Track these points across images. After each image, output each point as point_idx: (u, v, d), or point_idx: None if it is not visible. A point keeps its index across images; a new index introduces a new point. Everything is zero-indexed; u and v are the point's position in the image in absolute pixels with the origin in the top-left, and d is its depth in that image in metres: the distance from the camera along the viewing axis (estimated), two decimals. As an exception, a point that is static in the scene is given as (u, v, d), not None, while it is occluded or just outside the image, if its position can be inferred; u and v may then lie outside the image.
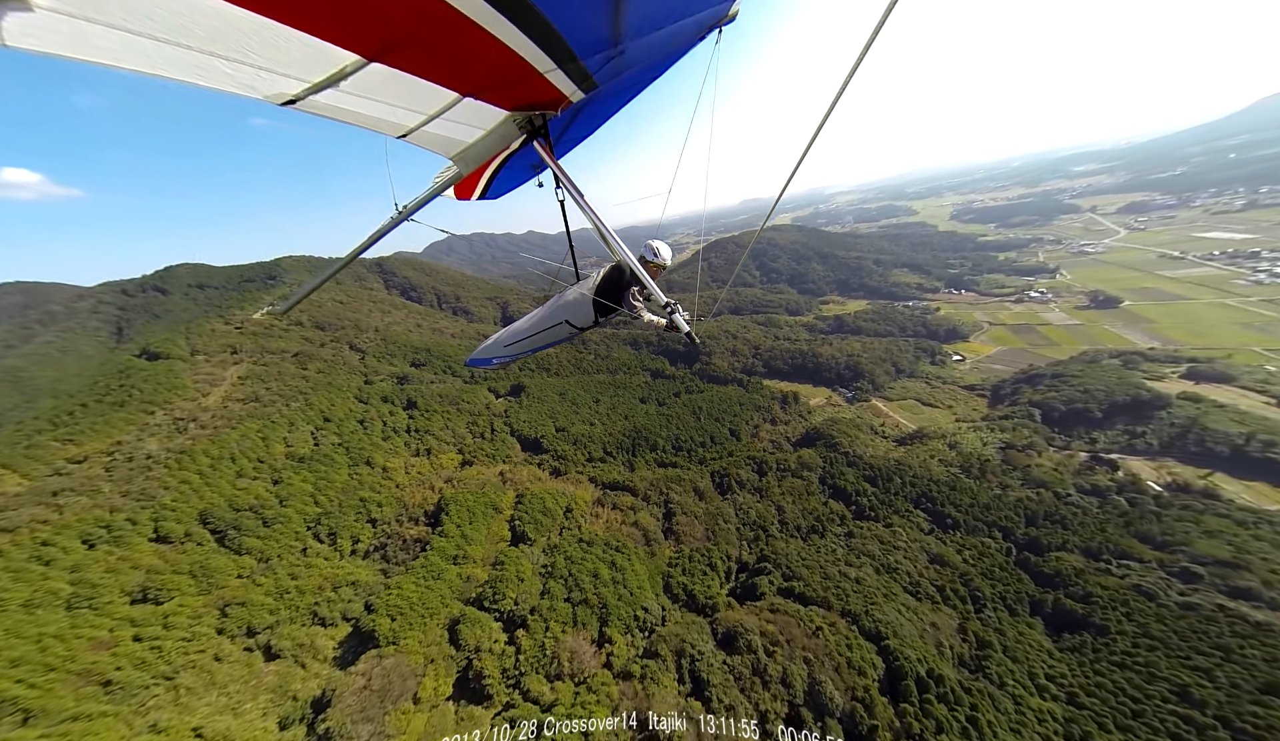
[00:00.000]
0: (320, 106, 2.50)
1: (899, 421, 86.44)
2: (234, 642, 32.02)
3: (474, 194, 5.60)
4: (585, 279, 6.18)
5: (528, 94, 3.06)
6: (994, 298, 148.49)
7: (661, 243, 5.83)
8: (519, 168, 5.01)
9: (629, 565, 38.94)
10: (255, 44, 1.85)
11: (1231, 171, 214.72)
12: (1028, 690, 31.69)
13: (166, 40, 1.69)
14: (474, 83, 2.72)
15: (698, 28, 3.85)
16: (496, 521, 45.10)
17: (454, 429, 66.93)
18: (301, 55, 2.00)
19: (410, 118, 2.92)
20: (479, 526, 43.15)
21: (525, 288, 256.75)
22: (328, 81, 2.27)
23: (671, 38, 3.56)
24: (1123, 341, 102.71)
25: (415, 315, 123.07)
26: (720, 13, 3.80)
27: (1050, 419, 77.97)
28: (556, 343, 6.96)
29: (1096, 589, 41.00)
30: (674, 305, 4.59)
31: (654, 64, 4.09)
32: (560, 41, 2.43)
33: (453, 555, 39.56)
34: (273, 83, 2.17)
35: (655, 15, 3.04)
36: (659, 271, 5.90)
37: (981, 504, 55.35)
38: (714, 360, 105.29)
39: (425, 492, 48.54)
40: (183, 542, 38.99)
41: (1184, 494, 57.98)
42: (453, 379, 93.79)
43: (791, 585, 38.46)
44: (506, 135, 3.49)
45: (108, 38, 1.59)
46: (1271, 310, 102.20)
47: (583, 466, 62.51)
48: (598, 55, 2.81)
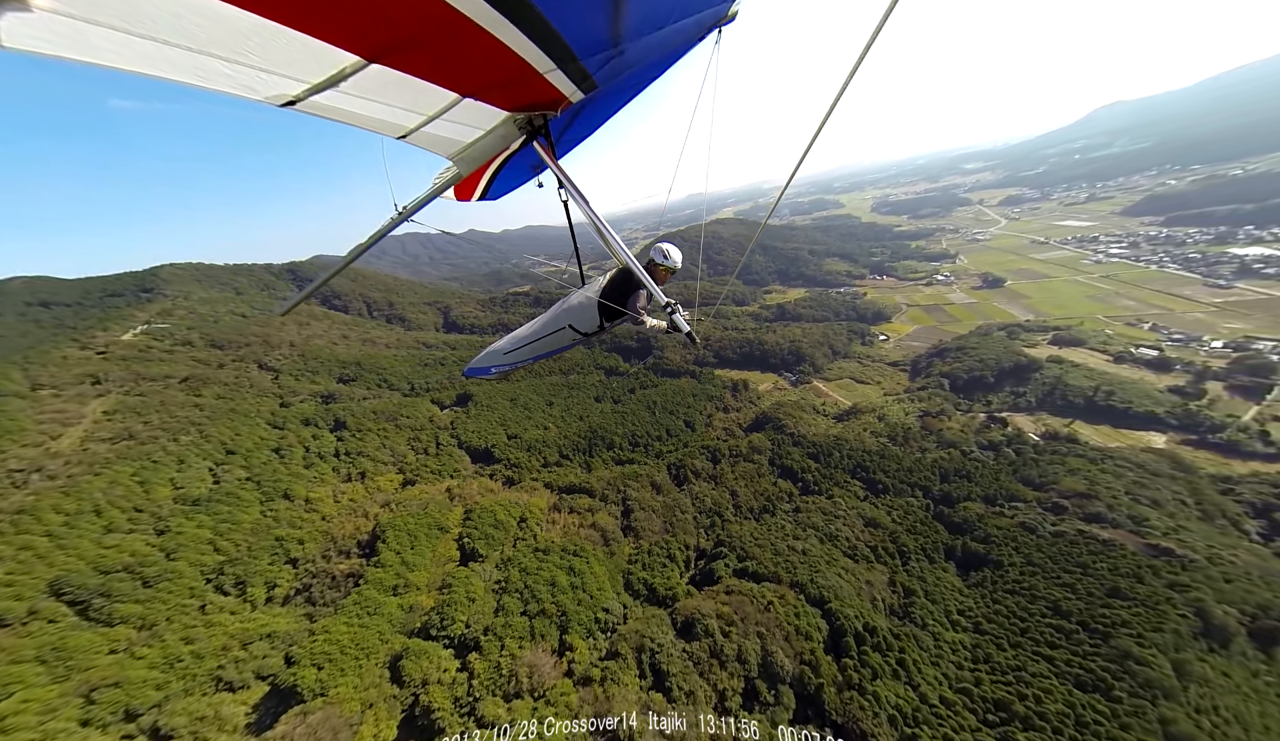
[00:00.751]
0: (320, 107, 2.47)
1: (837, 399, 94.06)
2: (105, 733, 26.38)
3: (474, 195, 5.49)
4: (590, 282, 5.93)
5: (527, 94, 3.03)
6: (909, 282, 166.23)
7: (671, 246, 5.63)
8: (519, 168, 4.95)
9: (588, 568, 38.45)
10: (255, 45, 1.81)
11: (1077, 170, 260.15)
12: (944, 626, 36.38)
13: (166, 41, 1.66)
14: (474, 83, 2.70)
15: (697, 28, 3.83)
16: (443, 542, 41.97)
17: (393, 447, 61.21)
18: (301, 56, 1.96)
19: (410, 118, 2.89)
20: (422, 550, 39.85)
21: (469, 289, 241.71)
22: (328, 82, 2.22)
23: (671, 38, 3.53)
24: (1007, 315, 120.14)
25: (340, 326, 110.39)
26: (720, 13, 3.80)
27: (956, 386, 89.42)
28: (560, 349, 6.67)
29: (993, 530, 47.99)
30: (674, 306, 4.49)
31: (654, 64, 4.05)
32: (560, 42, 2.42)
33: (392, 585, 36.09)
34: (272, 84, 2.14)
35: (655, 15, 3.03)
36: (669, 274, 5.70)
37: (905, 468, 62.16)
38: (666, 354, 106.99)
39: (358, 521, 43.66)
40: (25, 622, 31.14)
41: (1054, 441, 69.49)
42: (389, 393, 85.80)
43: (746, 565, 40.51)
44: (506, 136, 3.46)
45: (107, 39, 1.55)
46: (1108, 284, 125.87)
47: (538, 473, 60.50)
48: (597, 55, 2.80)
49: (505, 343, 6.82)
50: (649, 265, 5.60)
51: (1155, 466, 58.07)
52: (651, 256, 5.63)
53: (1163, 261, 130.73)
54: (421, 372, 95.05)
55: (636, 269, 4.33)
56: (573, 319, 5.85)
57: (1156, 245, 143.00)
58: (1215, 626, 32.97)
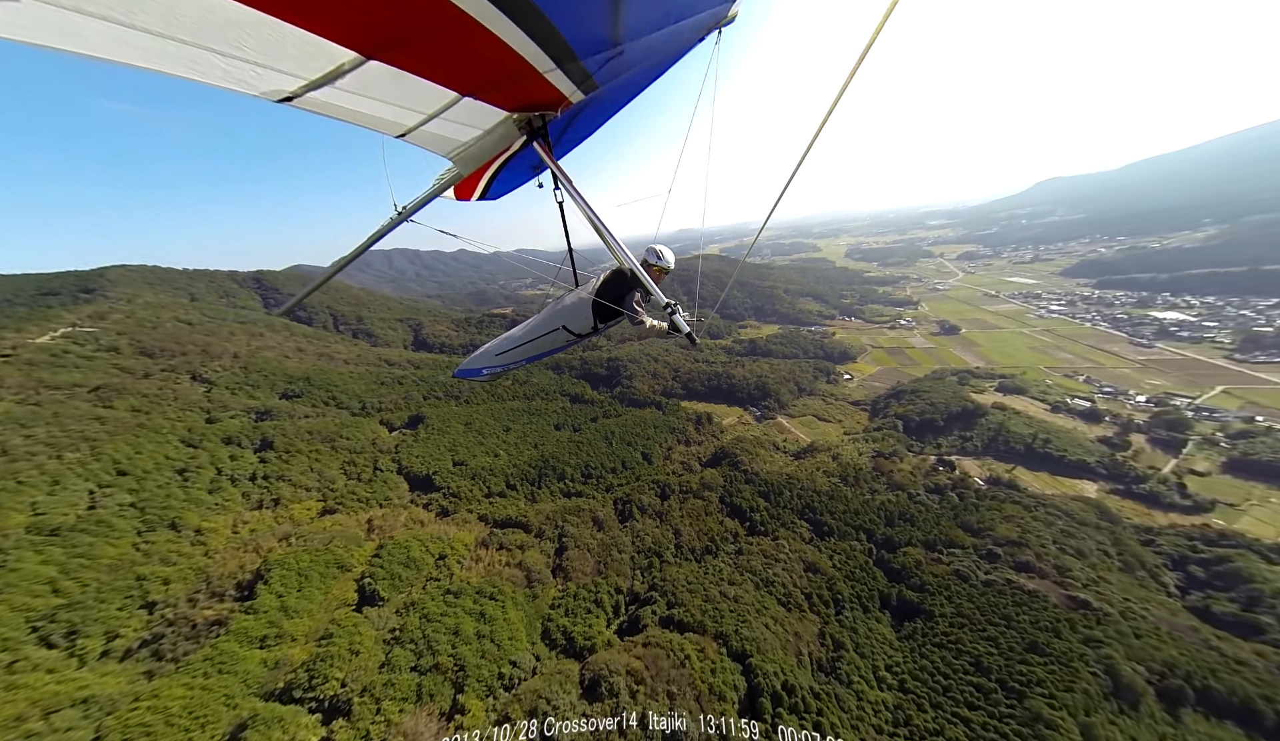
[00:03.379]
0: (317, 104, 2.43)
1: (798, 436, 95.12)
2: None
3: (474, 194, 5.44)
4: (584, 283, 5.94)
5: (527, 94, 3.01)
6: (875, 324, 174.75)
7: (664, 246, 5.74)
8: (519, 168, 4.92)
9: (501, 614, 35.72)
10: (251, 39, 1.78)
11: (1023, 233, 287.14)
12: (869, 684, 35.11)
13: (160, 34, 1.62)
14: (473, 82, 2.68)
15: (697, 29, 3.81)
16: (340, 583, 38.26)
17: (322, 471, 57.33)
18: (298, 52, 1.92)
19: (409, 117, 2.85)
20: (311, 593, 36.03)
21: (449, 309, 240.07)
22: (325, 79, 2.19)
23: (671, 39, 3.53)
24: (961, 362, 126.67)
25: (299, 338, 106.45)
26: (720, 14, 3.78)
27: (909, 428, 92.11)
28: (553, 351, 6.64)
29: (929, 577, 47.86)
30: (674, 306, 4.48)
31: (653, 65, 4.04)
32: (560, 41, 2.40)
33: (261, 636, 31.80)
34: (269, 79, 2.10)
35: (655, 16, 3.01)
36: (663, 274, 5.79)
37: (853, 509, 62.30)
38: (634, 383, 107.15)
39: (245, 557, 39.28)
40: None
41: (997, 485, 71.47)
42: (336, 411, 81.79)
43: (673, 612, 38.66)
44: (506, 136, 3.43)
45: (99, 30, 1.52)
46: (1048, 337, 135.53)
47: (477, 503, 57.59)
48: (597, 55, 2.78)
49: (497, 343, 6.75)
50: (642, 265, 5.69)
51: (1083, 515, 60.10)
52: (645, 257, 5.72)
53: (1095, 319, 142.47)
54: (376, 391, 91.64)
55: (636, 269, 4.32)
56: (566, 320, 5.82)
57: (1090, 304, 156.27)
58: (1124, 685, 33.00)
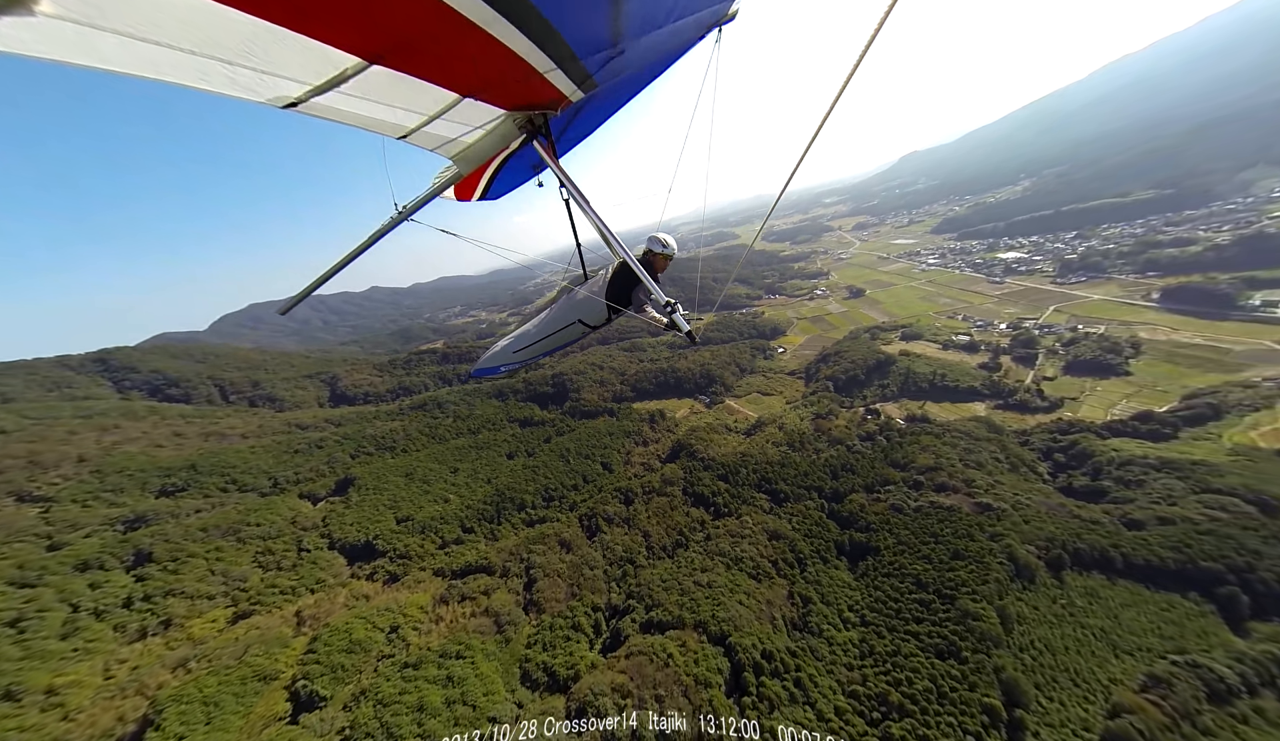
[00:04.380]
0: (322, 108, 2.48)
1: (747, 414, 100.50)
2: None
3: (474, 194, 5.47)
4: (593, 278, 6.26)
5: (527, 94, 3.02)
6: (797, 298, 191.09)
7: (667, 235, 6.02)
8: (519, 167, 4.93)
9: (472, 671, 32.87)
10: (257, 48, 1.85)
11: (899, 201, 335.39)
12: (837, 627, 38.24)
13: (170, 45, 1.68)
14: (475, 83, 2.71)
15: (697, 27, 3.83)
16: (266, 696, 32.25)
17: (227, 571, 48.10)
18: (303, 58, 2.00)
19: (410, 119, 2.91)
20: (226, 721, 29.70)
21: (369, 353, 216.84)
22: (329, 84, 2.25)
23: (671, 37, 3.54)
24: (870, 319, 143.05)
25: (173, 421, 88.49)
26: (720, 12, 3.78)
27: (839, 386, 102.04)
28: (570, 343, 6.97)
29: (872, 517, 53.39)
30: (674, 305, 4.61)
31: (654, 63, 4.07)
32: (560, 41, 2.42)
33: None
34: (274, 86, 2.17)
35: (655, 15, 3.02)
36: (668, 262, 6.13)
37: (802, 472, 67.33)
38: (583, 395, 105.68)
39: (126, 705, 31.12)
40: None
41: (914, 422, 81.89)
42: (241, 496, 69.43)
43: (652, 615, 38.70)
44: (507, 135, 3.46)
45: (111, 43, 1.58)
46: (931, 287, 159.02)
47: (431, 558, 52.54)
48: (597, 55, 2.79)
49: (512, 340, 7.07)
50: (647, 254, 6.02)
51: (978, 432, 71.32)
52: (649, 246, 6.01)
53: (961, 267, 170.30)
54: (290, 462, 79.48)
55: (637, 268, 4.52)
56: (581, 314, 6.17)
57: (955, 255, 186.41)
58: (1022, 566, 39.82)
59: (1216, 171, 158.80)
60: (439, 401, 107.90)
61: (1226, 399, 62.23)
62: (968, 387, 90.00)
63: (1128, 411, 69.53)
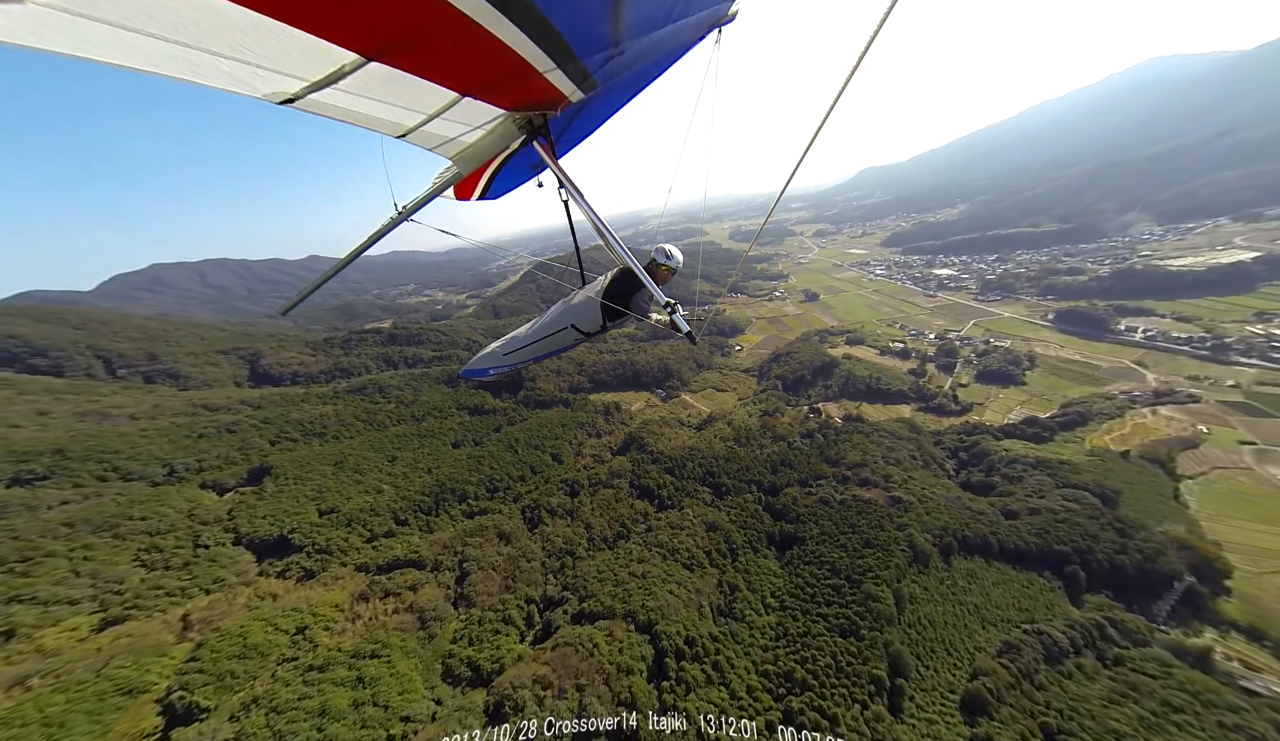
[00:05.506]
0: (319, 105, 2.47)
1: (700, 409, 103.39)
2: None
3: (474, 194, 5.43)
4: (591, 282, 6.09)
5: (527, 93, 3.03)
6: (757, 298, 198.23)
7: (673, 246, 5.86)
8: (519, 167, 4.87)
9: (387, 671, 31.48)
10: (253, 42, 1.82)
11: (855, 213, 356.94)
12: (758, 612, 40.98)
13: (163, 37, 1.65)
14: (474, 82, 2.70)
15: (697, 28, 3.82)
16: (129, 714, 28.47)
17: (97, 572, 41.78)
18: (300, 54, 1.97)
19: (409, 117, 2.89)
20: (78, 740, 26.24)
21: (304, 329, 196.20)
22: (326, 80, 2.23)
23: (671, 37, 3.52)
24: (821, 323, 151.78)
25: (36, 397, 74.73)
26: (720, 13, 3.82)
27: (787, 386, 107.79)
28: (562, 350, 6.70)
29: (802, 509, 57.40)
30: (674, 305, 4.57)
31: (654, 63, 4.01)
32: (560, 40, 2.42)
33: None
34: (271, 81, 2.14)
35: (655, 15, 3.02)
36: (671, 274, 5.94)
37: (745, 466, 70.70)
38: (539, 384, 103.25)
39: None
40: None
41: (851, 421, 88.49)
42: (123, 485, 60.47)
43: (585, 606, 39.21)
44: (506, 135, 3.46)
45: (103, 34, 1.55)
46: (877, 296, 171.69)
47: (356, 552, 49.26)
48: (597, 55, 2.79)
49: (502, 344, 6.82)
50: (651, 264, 5.79)
51: (900, 432, 78.74)
52: (654, 256, 5.82)
53: (903, 279, 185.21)
54: (192, 448, 70.33)
55: (637, 269, 4.38)
56: (575, 318, 5.94)
57: (899, 267, 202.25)
58: (920, 551, 44.94)
59: (1105, 211, 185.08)
60: (380, 385, 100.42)
61: (1092, 408, 73.56)
62: (897, 391, 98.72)
63: (1019, 416, 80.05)
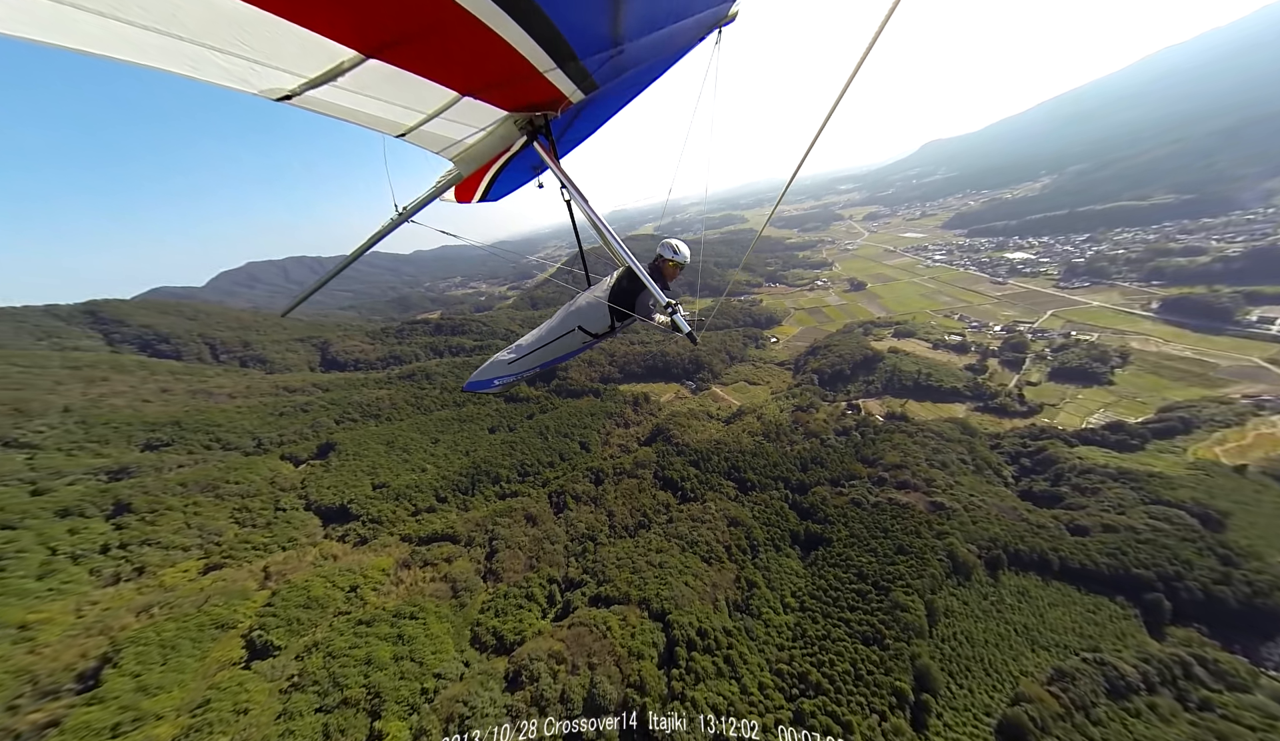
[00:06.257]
0: (317, 102, 2.43)
1: (731, 402, 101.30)
2: None
3: (475, 196, 5.42)
4: (597, 283, 5.96)
5: (527, 93, 2.99)
6: (797, 288, 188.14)
7: (679, 241, 5.73)
8: (520, 169, 4.89)
9: (423, 631, 35.15)
10: (249, 36, 1.78)
11: (914, 193, 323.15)
12: (776, 611, 40.22)
13: (156, 29, 1.60)
14: (474, 82, 2.66)
15: (698, 28, 3.82)
16: (222, 643, 34.67)
17: (203, 525, 50.47)
18: (297, 50, 1.93)
19: (409, 116, 2.84)
20: (182, 663, 32.08)
21: (367, 319, 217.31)
22: (324, 77, 2.19)
23: (671, 38, 3.52)
24: (867, 314, 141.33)
25: (162, 377, 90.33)
26: (720, 13, 3.78)
27: (823, 380, 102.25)
28: (571, 354, 6.56)
29: (832, 510, 54.89)
30: (675, 306, 4.53)
31: (654, 64, 4.04)
32: (561, 40, 2.40)
33: (113, 723, 28.14)
34: (268, 77, 2.09)
35: (655, 15, 2.99)
36: (678, 269, 5.81)
37: (773, 462, 68.64)
38: (571, 374, 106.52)
39: (89, 643, 33.67)
40: None
41: (894, 420, 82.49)
42: (225, 454, 71.83)
43: (601, 590, 40.77)
44: (507, 136, 3.42)
45: (92, 24, 1.50)
46: (933, 284, 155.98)
47: (402, 524, 54.85)
48: (598, 55, 2.77)
49: (509, 352, 6.61)
50: (657, 261, 5.71)
51: (950, 433, 72.00)
52: (660, 252, 5.71)
53: (966, 265, 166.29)
54: (275, 424, 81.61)
55: (638, 269, 4.33)
56: (582, 321, 5.83)
57: (963, 252, 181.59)
58: (960, 563, 41.30)
59: (1243, 178, 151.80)
60: (428, 372, 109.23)
61: (1200, 413, 62.24)
62: (950, 388, 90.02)
63: (1102, 421, 69.78)
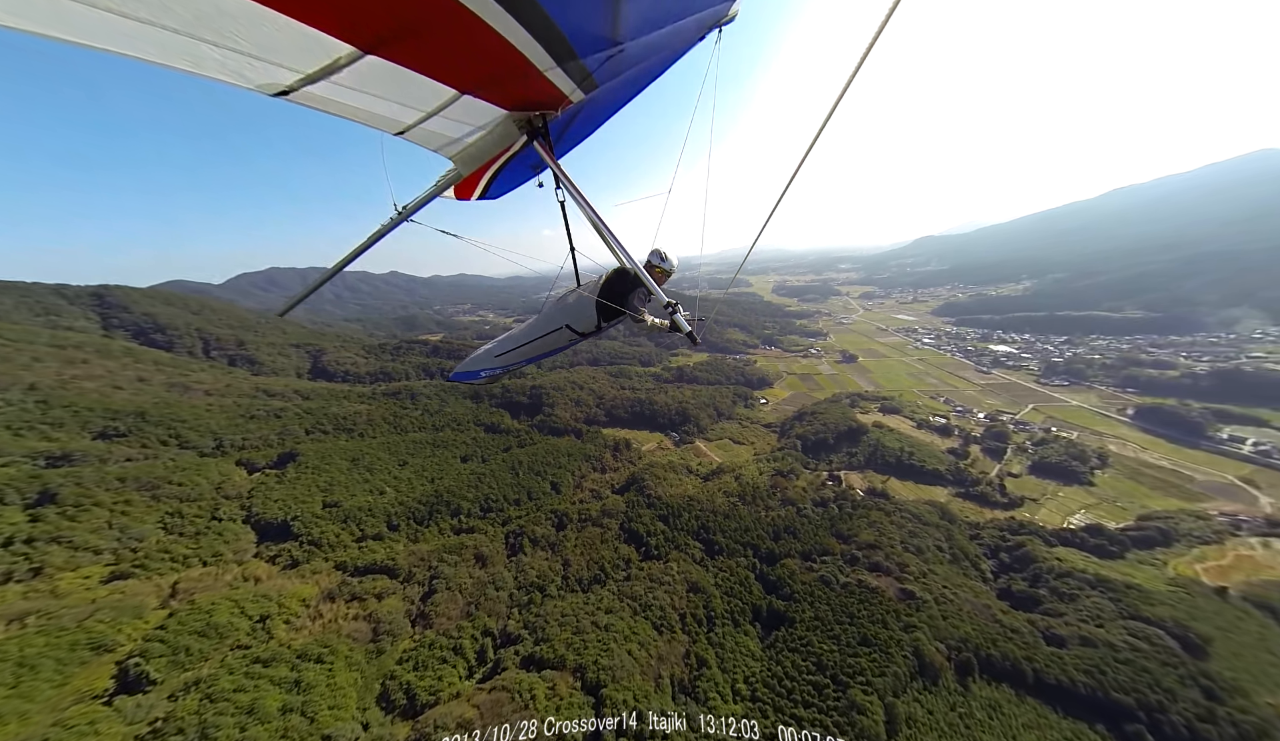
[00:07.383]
0: (314, 99, 2.39)
1: (712, 458, 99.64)
2: None
3: (474, 194, 5.36)
4: (586, 282, 5.95)
5: (527, 92, 2.96)
6: (791, 353, 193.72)
7: (668, 249, 5.88)
8: (519, 168, 4.84)
9: (326, 679, 31.36)
10: (246, 31, 1.74)
11: (907, 278, 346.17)
12: (723, 698, 36.35)
13: (151, 22, 1.57)
14: (473, 79, 2.62)
15: (698, 27, 3.81)
16: (90, 669, 30.15)
17: (126, 527, 47.16)
18: (295, 44, 1.89)
19: (408, 114, 2.78)
20: (35, 687, 27.46)
21: (370, 333, 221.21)
22: (322, 73, 2.14)
23: (671, 37, 3.49)
24: (856, 386, 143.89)
25: (144, 365, 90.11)
26: (720, 13, 3.79)
27: (807, 447, 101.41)
28: (556, 350, 6.49)
29: (799, 586, 51.75)
30: (675, 306, 4.46)
31: (653, 64, 3.99)
32: (561, 38, 2.38)
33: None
34: (265, 72, 2.05)
35: (655, 14, 2.98)
36: (666, 277, 5.90)
37: (744, 526, 65.99)
38: (556, 411, 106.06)
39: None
40: None
41: (873, 495, 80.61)
42: (178, 451, 69.33)
43: (537, 650, 37.22)
44: (506, 135, 3.39)
45: (87, 16, 1.47)
46: (921, 365, 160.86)
47: (343, 549, 51.43)
48: (598, 53, 2.74)
49: (496, 344, 6.61)
50: (646, 266, 5.77)
51: (928, 516, 69.95)
52: (649, 259, 5.83)
53: (953, 351, 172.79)
54: (242, 427, 79.78)
55: (637, 269, 4.32)
56: (570, 318, 5.85)
57: (950, 338, 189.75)
58: (928, 664, 38.06)
59: (1204, 304, 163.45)
60: (413, 392, 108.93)
61: (1179, 526, 60.95)
62: (932, 470, 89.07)
63: (1082, 522, 68.13)
